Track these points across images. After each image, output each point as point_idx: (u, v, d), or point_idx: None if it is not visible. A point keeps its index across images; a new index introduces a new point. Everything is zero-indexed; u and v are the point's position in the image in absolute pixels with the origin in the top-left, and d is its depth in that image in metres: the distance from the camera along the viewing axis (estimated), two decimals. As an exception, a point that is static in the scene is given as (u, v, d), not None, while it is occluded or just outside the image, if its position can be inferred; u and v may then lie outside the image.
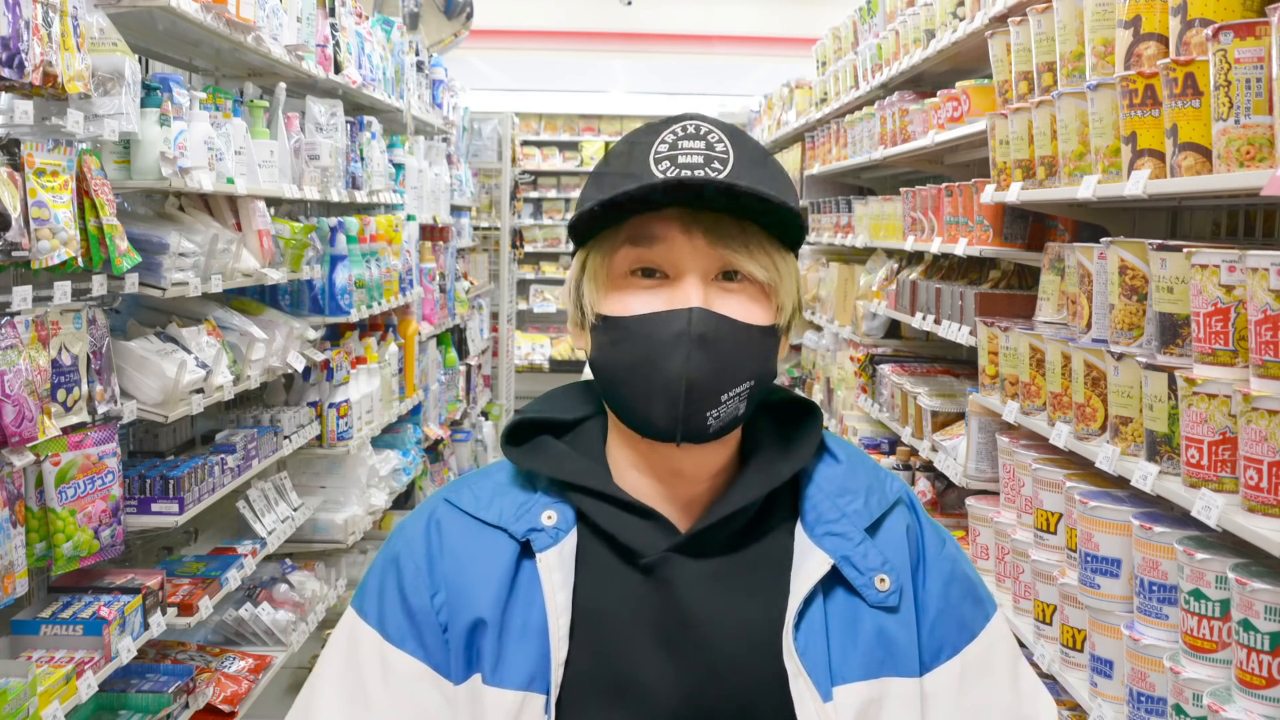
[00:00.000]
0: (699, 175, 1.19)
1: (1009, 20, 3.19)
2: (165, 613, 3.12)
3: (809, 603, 1.23)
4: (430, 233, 6.33)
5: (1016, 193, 3.18)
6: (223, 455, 3.49)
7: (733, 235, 1.21)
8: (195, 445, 3.91)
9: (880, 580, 1.25)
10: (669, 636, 1.22)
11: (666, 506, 1.27)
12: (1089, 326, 2.78)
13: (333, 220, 4.52)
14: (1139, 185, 2.37)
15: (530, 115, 12.49)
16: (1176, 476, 2.31)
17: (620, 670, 1.22)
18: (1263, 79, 1.97)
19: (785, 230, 1.24)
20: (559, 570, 1.23)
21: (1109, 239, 2.64)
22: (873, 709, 1.21)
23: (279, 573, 4.29)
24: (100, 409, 2.75)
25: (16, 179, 2.39)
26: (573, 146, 12.78)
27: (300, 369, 4.00)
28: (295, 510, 4.23)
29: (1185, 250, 2.23)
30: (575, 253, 1.29)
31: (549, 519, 1.25)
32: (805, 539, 1.26)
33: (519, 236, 10.04)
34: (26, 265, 2.43)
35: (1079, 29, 2.76)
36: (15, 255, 2.34)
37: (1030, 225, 3.52)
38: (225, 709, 3.46)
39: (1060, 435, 2.86)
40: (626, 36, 11.56)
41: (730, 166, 1.21)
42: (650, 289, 1.22)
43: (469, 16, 7.64)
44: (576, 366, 11.64)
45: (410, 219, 5.64)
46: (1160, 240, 2.37)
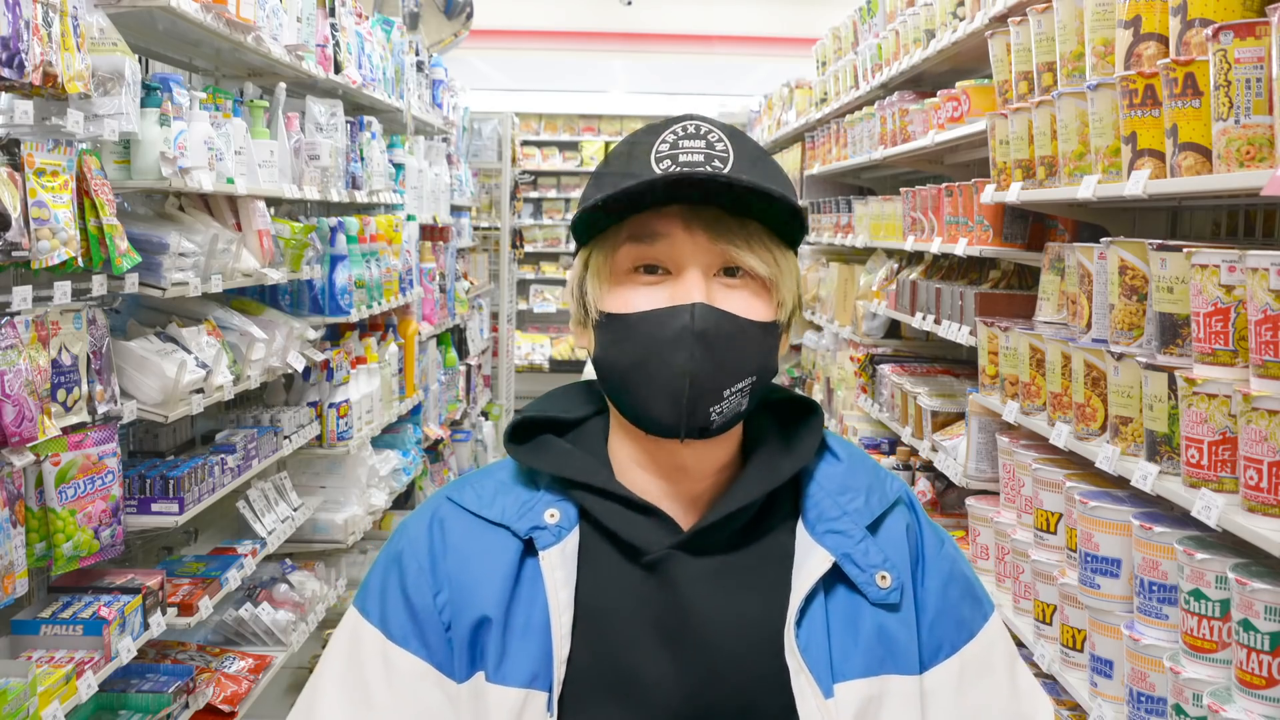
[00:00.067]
0: (700, 171, 1.20)
1: (1009, 20, 3.19)
2: (165, 613, 3.12)
3: (810, 600, 1.24)
4: (430, 233, 6.33)
5: (1016, 193, 3.18)
6: (223, 455, 3.49)
7: (733, 231, 1.22)
8: (195, 445, 3.91)
9: (881, 577, 1.25)
10: (671, 634, 1.23)
11: (669, 504, 1.28)
12: (1089, 326, 2.78)
13: (333, 220, 4.52)
14: (1139, 185, 2.37)
15: (530, 115, 12.49)
16: (1176, 476, 2.31)
17: (622, 667, 1.22)
18: (1263, 79, 1.97)
19: (785, 227, 1.25)
20: (561, 568, 1.23)
21: (1109, 239, 2.64)
22: (873, 706, 1.22)
23: (279, 573, 4.29)
24: (100, 409, 2.75)
25: (16, 179, 2.39)
26: (573, 146, 12.78)
27: (300, 369, 4.00)
28: (295, 510, 4.23)
29: (1185, 250, 2.23)
30: (577, 252, 1.29)
31: (552, 517, 1.25)
32: (806, 537, 1.27)
33: (519, 236, 10.04)
34: (26, 265, 2.43)
35: (1079, 29, 2.76)
36: (15, 255, 2.34)
37: (1030, 225, 3.52)
38: (225, 709, 3.46)
39: (1060, 435, 2.86)
40: (626, 36, 11.56)
41: (730, 164, 1.22)
42: (653, 285, 1.23)
43: (469, 16, 7.64)
44: (576, 366, 11.64)
45: (410, 219, 5.64)
46: (1160, 240, 2.37)
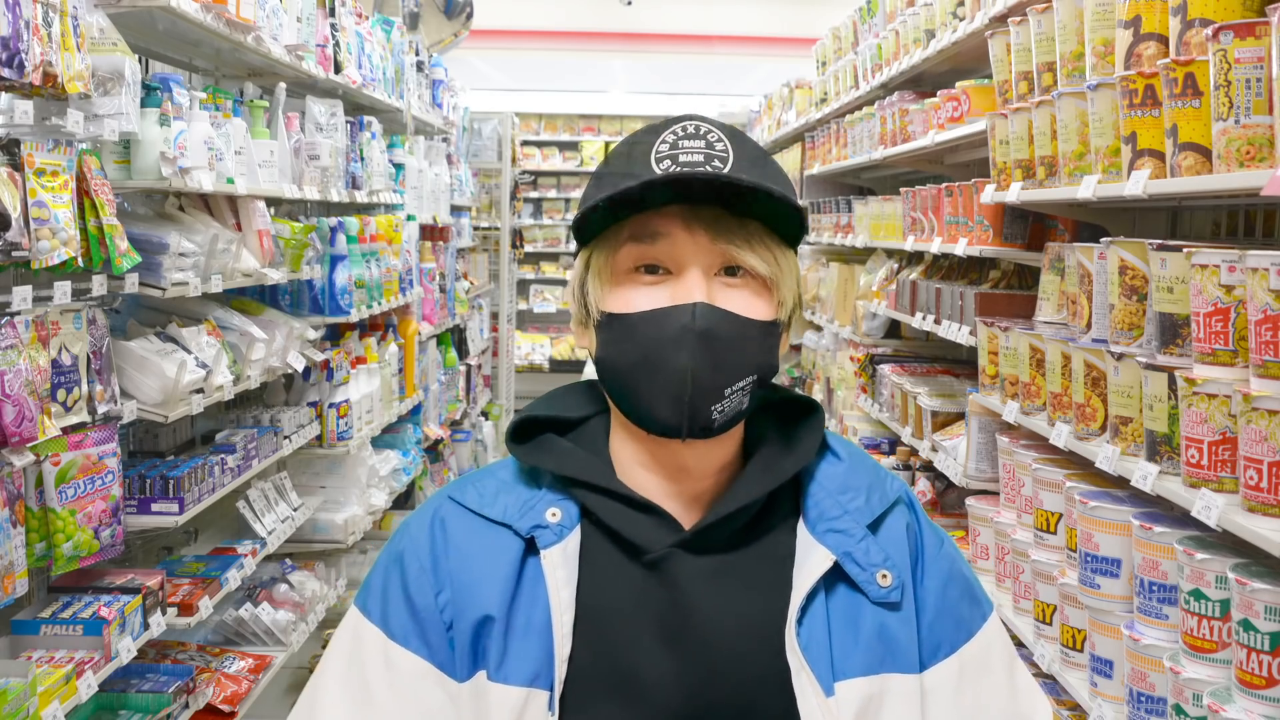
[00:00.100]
0: (700, 172, 1.20)
1: (1009, 20, 3.19)
2: (165, 613, 3.12)
3: (811, 598, 1.24)
4: (430, 233, 6.33)
5: (1016, 193, 3.18)
6: (223, 455, 3.49)
7: (734, 230, 1.22)
8: (195, 445, 3.91)
9: (882, 576, 1.26)
10: (672, 632, 1.23)
11: (670, 503, 1.28)
12: (1089, 326, 2.78)
13: (333, 220, 4.52)
14: (1139, 185, 2.37)
15: (530, 115, 12.49)
16: (1176, 476, 2.31)
17: (623, 666, 1.22)
18: (1263, 79, 1.97)
19: (785, 227, 1.25)
20: (563, 567, 1.23)
21: (1109, 239, 2.64)
22: (873, 705, 1.22)
23: (279, 573, 4.29)
24: (100, 409, 2.75)
25: (16, 179, 2.39)
26: (573, 146, 12.78)
27: (300, 369, 4.00)
28: (295, 510, 4.23)
29: (1185, 250, 2.23)
30: (578, 252, 1.30)
31: (553, 516, 1.25)
32: (807, 535, 1.27)
33: (519, 236, 10.04)
34: (26, 265, 2.43)
35: (1079, 29, 2.76)
36: (15, 255, 2.34)
37: (1030, 225, 3.52)
38: (225, 709, 3.46)
39: (1060, 435, 2.86)
40: (626, 36, 11.56)
41: (730, 164, 1.22)
42: (654, 285, 1.23)
43: (469, 16, 7.64)
44: (576, 366, 11.64)
45: (410, 219, 5.64)
46: (1160, 240, 2.37)
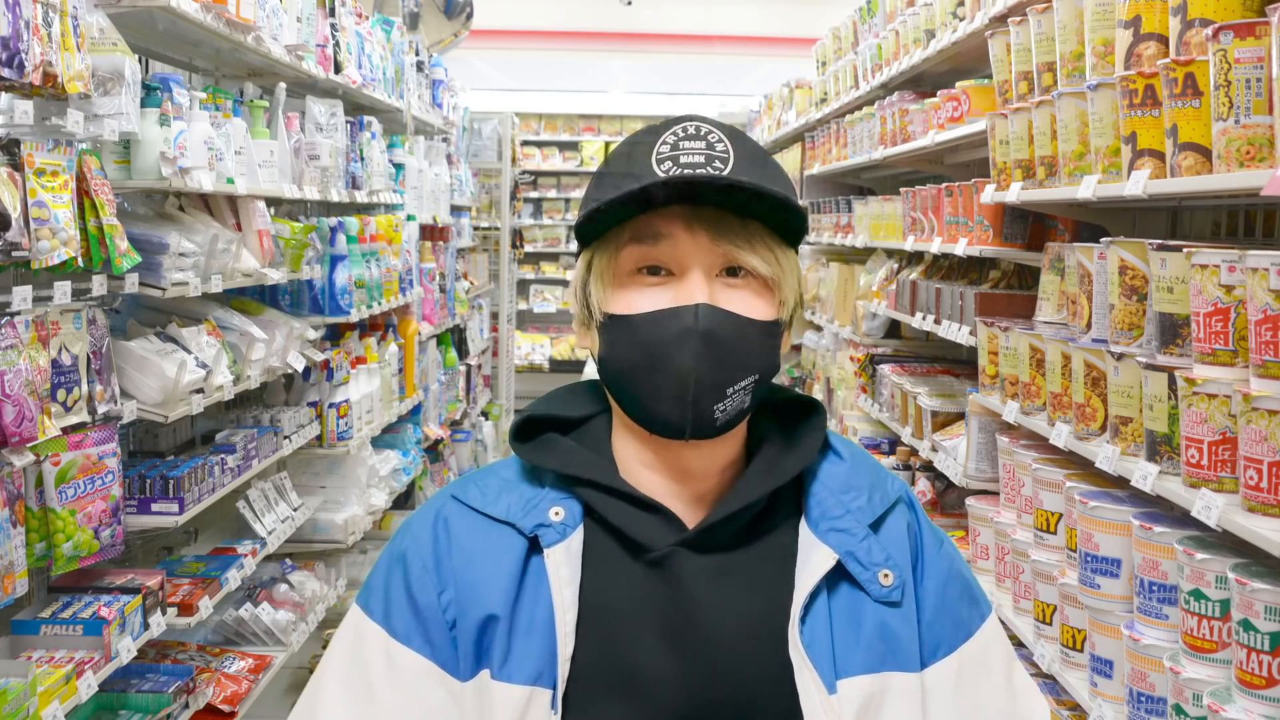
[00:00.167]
0: (701, 173, 1.20)
1: (1009, 20, 3.19)
2: (165, 613, 3.12)
3: (814, 597, 1.25)
4: (430, 233, 6.33)
5: (1016, 193, 3.18)
6: (223, 455, 3.49)
7: (735, 231, 1.22)
8: (195, 445, 3.91)
9: (884, 575, 1.26)
10: (674, 630, 1.23)
11: (673, 502, 1.28)
12: (1089, 326, 2.78)
13: (333, 220, 4.52)
14: (1139, 185, 2.37)
15: (530, 115, 12.49)
16: (1176, 476, 2.31)
17: (626, 664, 1.22)
18: (1263, 79, 1.97)
19: (786, 227, 1.26)
20: (566, 566, 1.23)
21: (1109, 239, 2.64)
22: (875, 703, 1.23)
23: (279, 573, 4.29)
24: (100, 409, 2.75)
25: (16, 179, 2.39)
26: (573, 146, 12.78)
27: (300, 369, 4.00)
28: (295, 510, 4.23)
29: (1185, 250, 2.23)
30: (580, 253, 1.30)
31: (556, 515, 1.26)
32: (809, 535, 1.27)
33: (519, 236, 10.04)
34: (26, 265, 2.43)
35: (1079, 29, 2.76)
36: (15, 255, 2.34)
37: (1030, 225, 3.52)
38: (225, 709, 3.46)
39: (1060, 435, 2.86)
40: (626, 36, 11.56)
41: (731, 165, 1.22)
42: (656, 286, 1.24)
43: (469, 16, 7.64)
44: (576, 366, 11.64)
45: (410, 219, 5.64)
46: (1160, 240, 2.37)
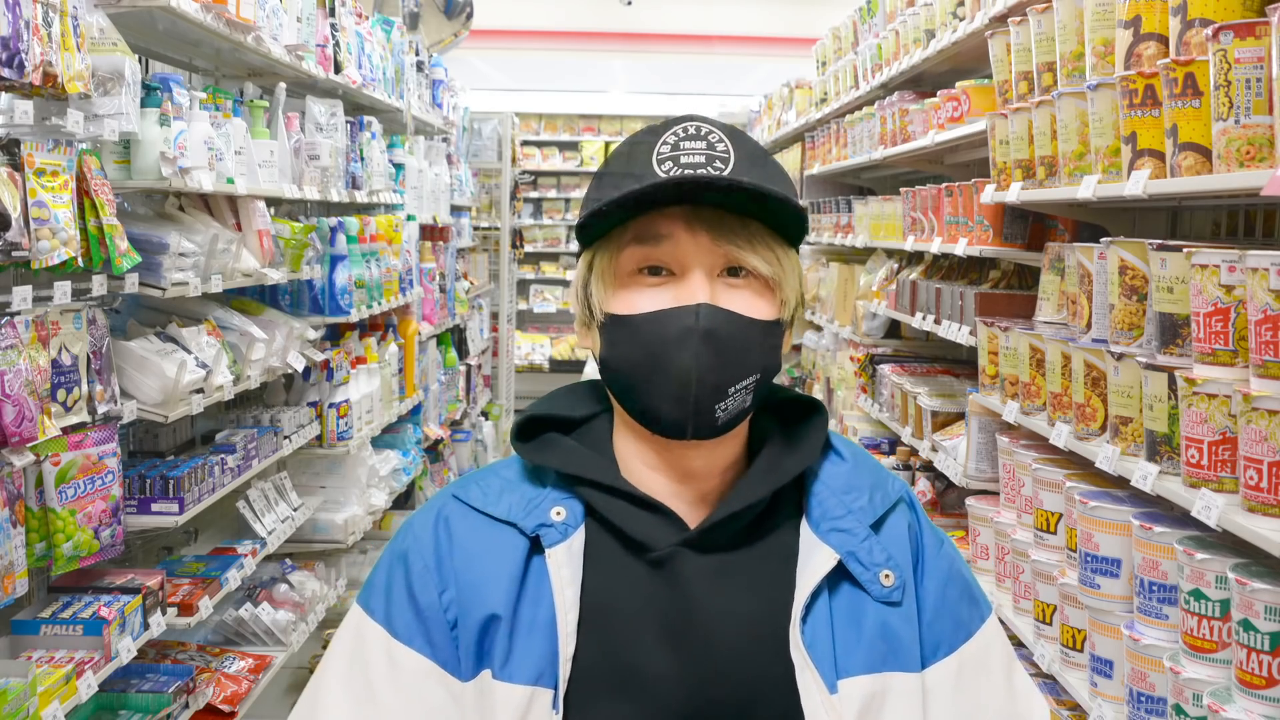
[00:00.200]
0: (701, 174, 1.20)
1: (1009, 20, 3.19)
2: (165, 613, 3.12)
3: (815, 597, 1.25)
4: (430, 233, 6.33)
5: (1016, 193, 3.18)
6: (223, 455, 3.49)
7: (736, 232, 1.23)
8: (195, 445, 3.91)
9: (885, 576, 1.26)
10: (676, 630, 1.23)
11: (675, 502, 1.29)
12: (1089, 326, 2.78)
13: (333, 220, 4.52)
14: (1139, 185, 2.37)
15: (530, 115, 12.49)
16: (1176, 476, 2.31)
17: (627, 664, 1.23)
18: (1263, 79, 1.97)
19: (787, 226, 1.26)
20: (568, 566, 1.24)
21: (1109, 239, 2.64)
22: (876, 703, 1.23)
23: (279, 573, 4.29)
24: (100, 409, 2.75)
25: (16, 179, 2.39)
26: (573, 146, 12.77)
27: (300, 369, 4.00)
28: (295, 510, 4.23)
29: (1185, 250, 2.23)
30: (581, 254, 1.30)
31: (558, 514, 1.26)
32: (811, 535, 1.27)
33: (519, 236, 10.04)
34: (26, 265, 2.43)
35: (1079, 29, 2.76)
36: (15, 255, 2.34)
37: (1030, 225, 3.52)
38: (225, 709, 3.46)
39: (1060, 435, 2.86)
40: (626, 36, 11.56)
41: (732, 165, 1.22)
42: (657, 287, 1.24)
43: (469, 16, 7.64)
44: (576, 366, 11.64)
45: (410, 219, 5.64)
46: (1160, 240, 2.37)
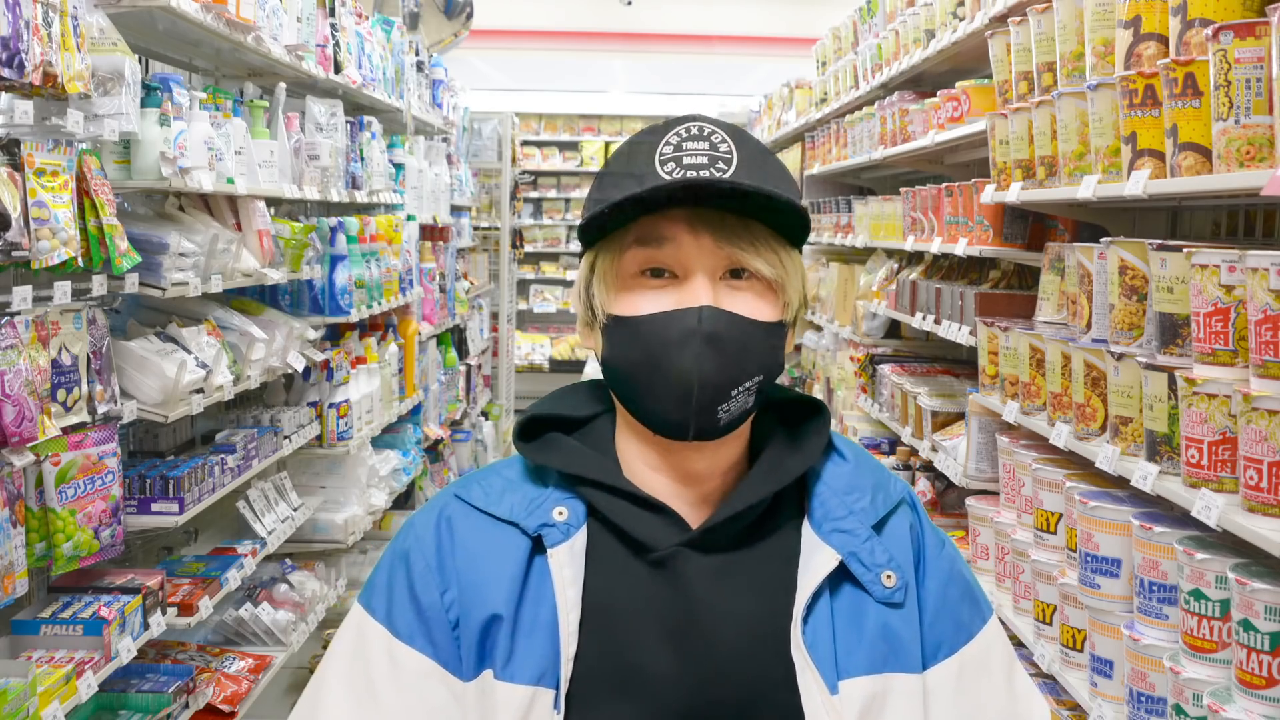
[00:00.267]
0: (704, 176, 1.20)
1: (1009, 20, 3.19)
2: (165, 613, 3.12)
3: (816, 598, 1.25)
4: (430, 233, 6.33)
5: (1016, 193, 3.18)
6: (223, 455, 3.49)
7: (739, 234, 1.22)
8: (195, 445, 3.91)
9: (887, 576, 1.26)
10: (677, 630, 1.23)
11: (677, 502, 1.29)
12: (1089, 326, 2.78)
13: (333, 220, 4.52)
14: (1139, 185, 2.37)
15: (530, 115, 12.49)
16: (1176, 476, 2.31)
17: (629, 664, 1.23)
18: (1263, 79, 1.97)
19: (790, 227, 1.25)
20: (569, 566, 1.24)
21: (1109, 239, 2.64)
22: (877, 703, 1.23)
23: (279, 573, 4.29)
24: (100, 409, 2.75)
25: (16, 179, 2.39)
26: (573, 146, 12.77)
27: (300, 369, 4.00)
28: (295, 510, 4.23)
29: (1185, 250, 2.23)
30: (582, 254, 1.30)
31: (560, 514, 1.26)
32: (813, 535, 1.27)
33: (519, 236, 10.04)
34: (26, 265, 2.43)
35: (1079, 29, 2.76)
36: (15, 255, 2.34)
37: (1030, 225, 3.52)
38: (225, 709, 3.46)
39: (1060, 435, 2.86)
40: (626, 36, 11.56)
41: (734, 166, 1.22)
42: (660, 289, 1.24)
43: (469, 16, 7.63)
44: (576, 366, 11.64)
45: (410, 219, 5.64)
46: (1160, 240, 2.37)
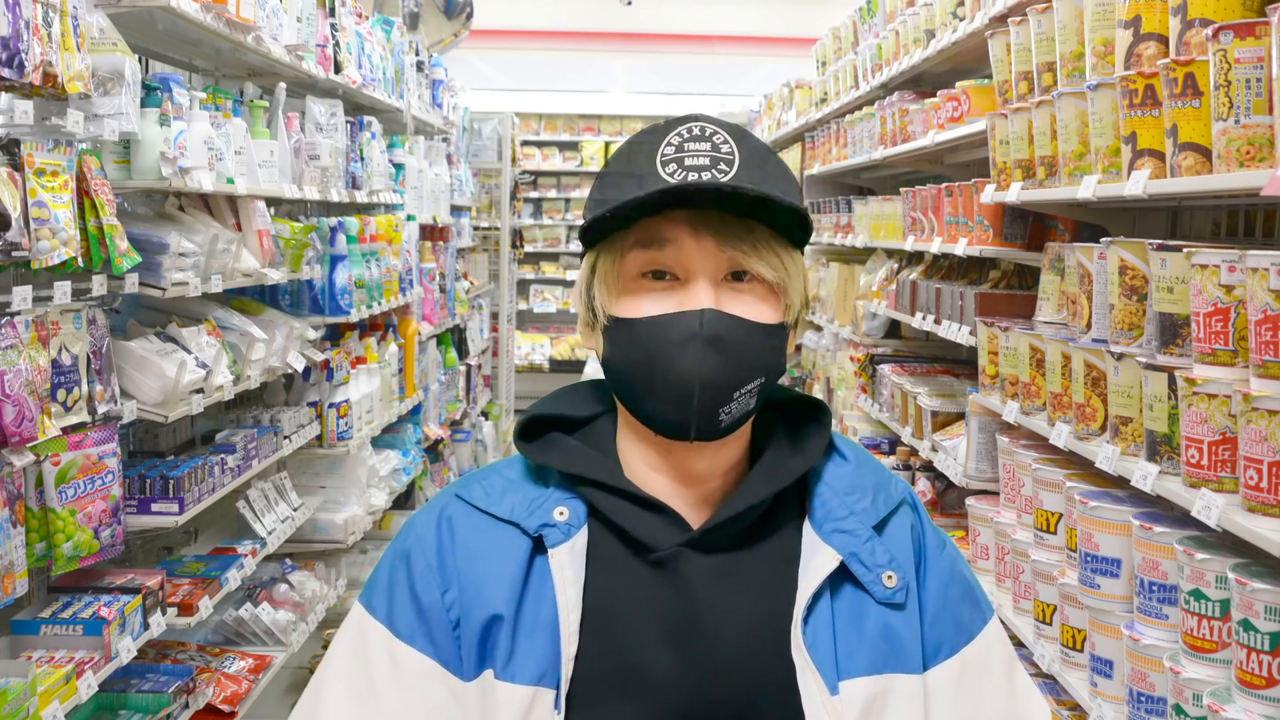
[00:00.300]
0: (706, 178, 1.20)
1: (1009, 20, 3.19)
2: (165, 613, 3.12)
3: (817, 598, 1.25)
4: (430, 233, 6.33)
5: (1016, 193, 3.18)
6: (223, 455, 3.48)
7: (740, 236, 1.22)
8: (195, 445, 3.91)
9: (888, 577, 1.26)
10: (678, 631, 1.23)
11: (677, 503, 1.28)
12: (1089, 326, 2.78)
13: (333, 220, 4.52)
14: (1139, 185, 2.37)
15: (530, 115, 12.49)
16: (1176, 476, 2.31)
17: (629, 664, 1.23)
18: (1263, 79, 1.97)
19: (792, 227, 1.25)
20: (570, 567, 1.24)
21: (1109, 239, 2.64)
22: (877, 704, 1.23)
23: (279, 573, 4.29)
24: (100, 409, 2.75)
25: (16, 179, 2.39)
26: (573, 146, 12.77)
27: (300, 369, 4.00)
28: (295, 510, 4.23)
29: (1185, 250, 2.23)
30: (584, 255, 1.30)
31: (561, 515, 1.26)
32: (814, 536, 1.27)
33: (519, 236, 10.04)
34: (26, 265, 2.43)
35: (1079, 29, 2.76)
36: (15, 255, 2.34)
37: (1030, 225, 3.52)
38: (225, 709, 3.46)
39: (1060, 435, 2.86)
40: (626, 36, 11.56)
41: (736, 168, 1.22)
42: (661, 291, 1.23)
43: (469, 16, 7.63)
44: (576, 366, 11.64)
45: (410, 219, 5.64)
46: (1160, 240, 2.37)
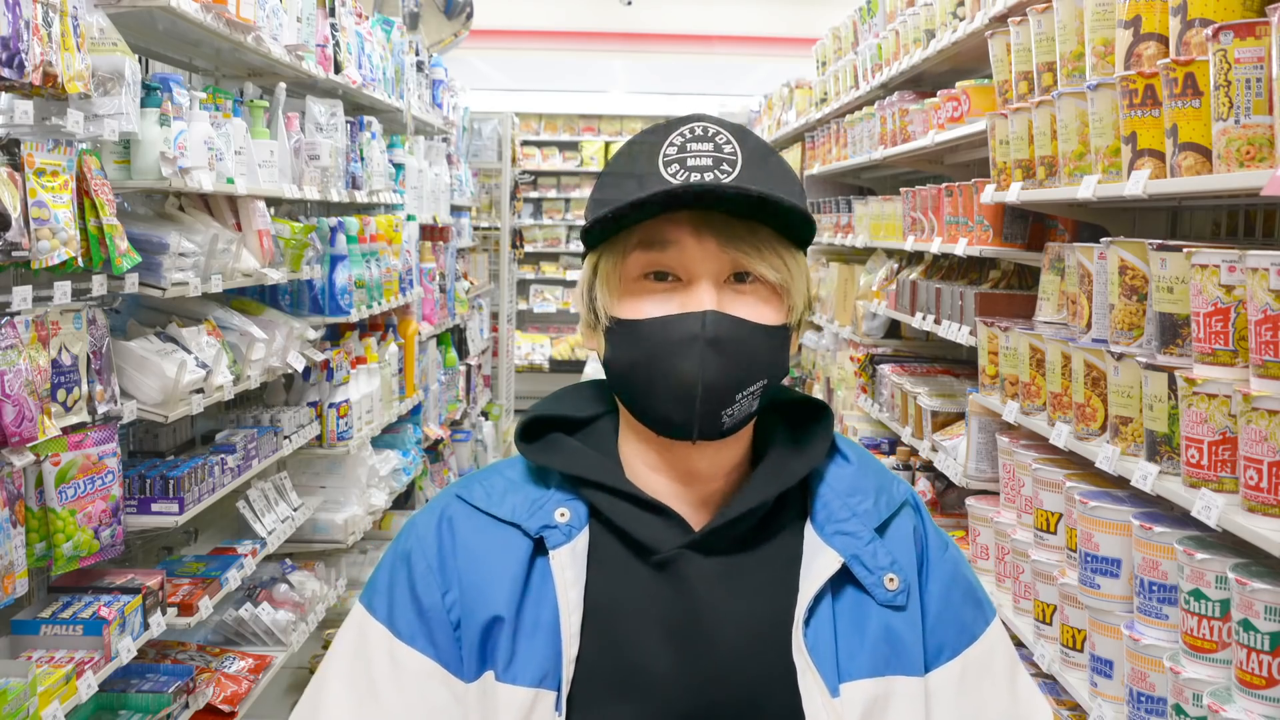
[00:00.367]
0: (709, 179, 1.20)
1: (1009, 20, 3.19)
2: (165, 613, 3.12)
3: (818, 600, 1.24)
4: (430, 233, 6.33)
5: (1016, 193, 3.18)
6: (223, 455, 3.48)
7: (743, 238, 1.22)
8: (195, 445, 3.91)
9: (890, 579, 1.26)
10: (679, 632, 1.23)
11: (679, 504, 1.28)
12: (1089, 326, 2.78)
13: (333, 220, 4.52)
14: (1139, 185, 2.37)
15: (530, 115, 12.49)
16: (1176, 476, 2.31)
17: (630, 666, 1.22)
18: (1263, 79, 1.98)
19: (794, 228, 1.25)
20: (571, 568, 1.23)
21: (1109, 239, 2.64)
22: (879, 706, 1.22)
23: (279, 573, 4.29)
24: (100, 409, 2.75)
25: (16, 179, 2.39)
26: (573, 146, 12.78)
27: (300, 369, 4.00)
28: (295, 510, 4.23)
29: (1185, 250, 2.23)
30: (585, 255, 1.30)
31: (562, 516, 1.25)
32: (815, 537, 1.27)
33: (519, 236, 10.04)
34: (26, 265, 2.43)
35: (1079, 29, 2.76)
36: (15, 255, 2.34)
37: (1030, 225, 3.52)
38: (225, 709, 3.46)
39: (1060, 435, 2.86)
40: (626, 36, 11.56)
41: (739, 168, 1.21)
42: (664, 292, 1.23)
43: (469, 16, 7.63)
44: (576, 366, 11.64)
45: (410, 219, 5.64)
46: (1160, 240, 2.37)
